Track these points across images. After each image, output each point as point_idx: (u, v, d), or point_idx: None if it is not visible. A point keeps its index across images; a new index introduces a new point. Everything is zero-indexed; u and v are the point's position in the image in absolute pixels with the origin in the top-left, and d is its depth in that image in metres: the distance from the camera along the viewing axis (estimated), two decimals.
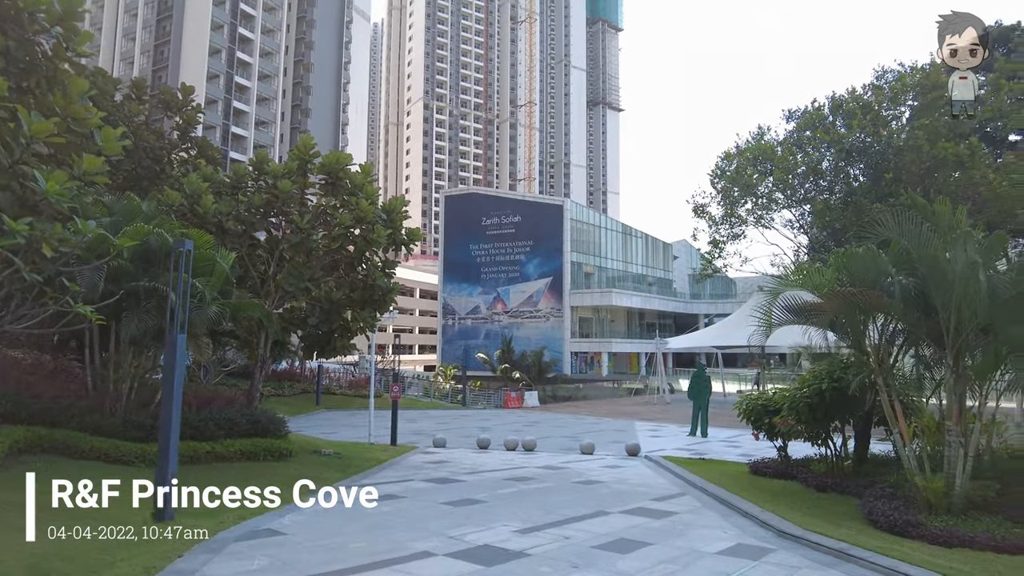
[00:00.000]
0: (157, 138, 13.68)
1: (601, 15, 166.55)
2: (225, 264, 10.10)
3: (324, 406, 28.98)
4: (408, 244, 12.72)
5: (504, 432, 21.30)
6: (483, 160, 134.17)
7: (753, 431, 12.98)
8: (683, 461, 14.27)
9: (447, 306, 67.92)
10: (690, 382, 21.46)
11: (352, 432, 20.52)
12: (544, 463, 13.61)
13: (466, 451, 15.88)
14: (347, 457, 12.96)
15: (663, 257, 79.38)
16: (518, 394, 33.65)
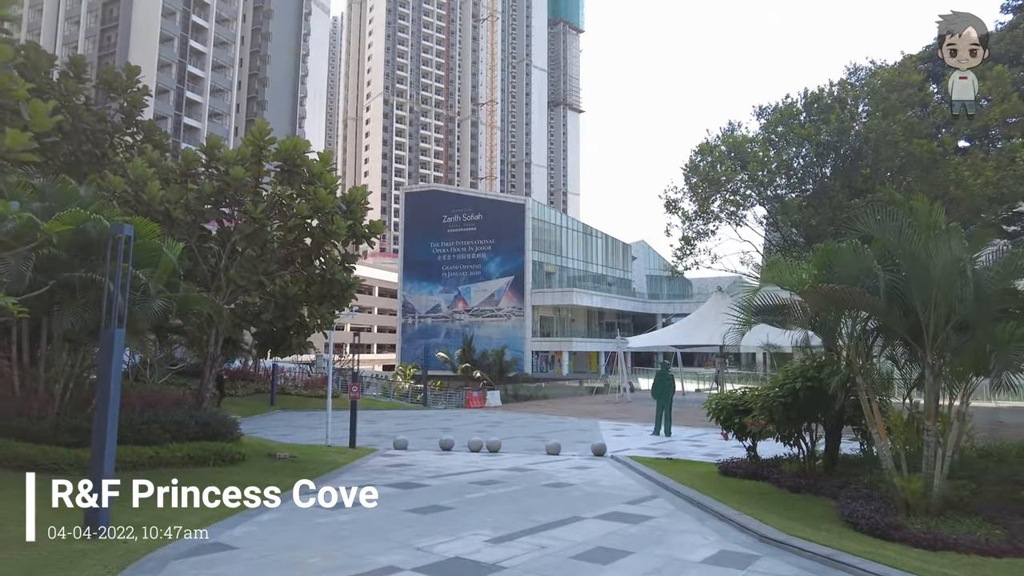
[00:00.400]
0: (98, 120, 12.71)
1: (562, 16, 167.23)
2: (172, 255, 9.34)
3: (279, 407, 27.98)
4: (369, 237, 12.11)
5: (467, 433, 20.80)
6: (444, 158, 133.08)
7: (722, 431, 12.82)
8: (650, 461, 14.05)
9: (407, 304, 66.95)
10: (653, 381, 21.35)
11: (309, 434, 19.73)
12: (511, 465, 13.19)
13: (429, 453, 15.33)
14: (303, 461, 12.29)
15: (622, 257, 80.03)
16: (480, 394, 33.17)
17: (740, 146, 22.69)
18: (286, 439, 18.17)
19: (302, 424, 23.12)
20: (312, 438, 18.28)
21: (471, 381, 45.98)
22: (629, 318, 75.81)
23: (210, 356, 11.55)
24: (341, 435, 17.28)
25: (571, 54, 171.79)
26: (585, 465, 13.49)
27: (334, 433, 16.79)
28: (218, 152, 11.23)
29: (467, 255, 65.25)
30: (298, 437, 18.99)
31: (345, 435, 16.78)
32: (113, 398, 6.26)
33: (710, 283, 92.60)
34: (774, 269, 8.10)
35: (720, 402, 12.32)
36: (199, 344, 12.17)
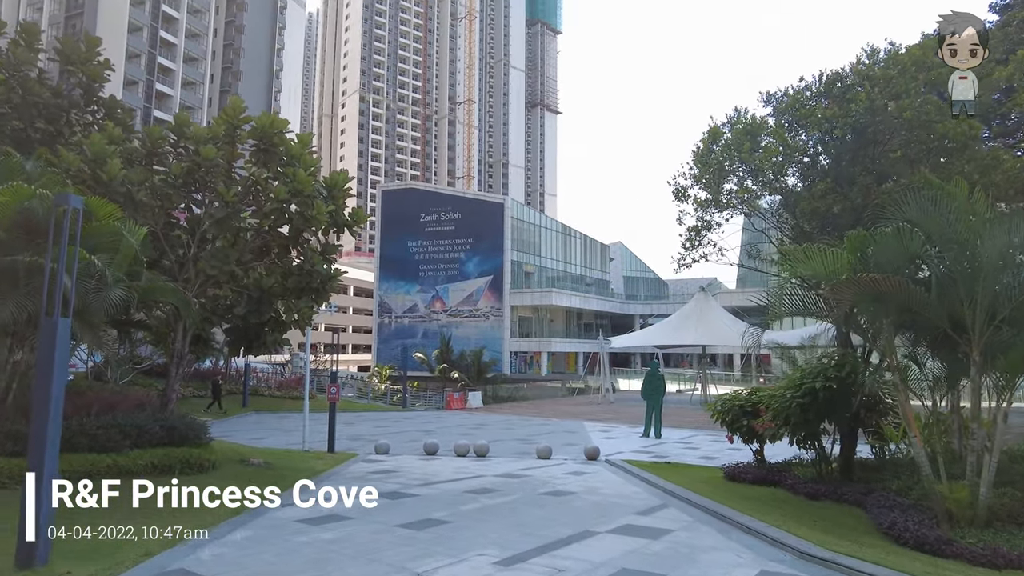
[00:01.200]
0: (54, 95, 11.55)
1: (540, 17, 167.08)
2: (134, 240, 8.34)
3: (252, 408, 26.78)
4: (352, 226, 11.18)
5: (450, 436, 19.92)
6: (421, 157, 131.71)
7: (727, 434, 12.16)
8: (648, 465, 13.35)
9: (383, 304, 65.70)
10: (643, 382, 20.70)
11: (284, 438, 18.67)
12: (502, 471, 12.35)
13: (412, 458, 14.41)
14: (279, 468, 11.30)
15: (600, 258, 79.75)
16: (460, 395, 32.26)
17: (756, 130, 21.60)
18: (260, 443, 17.11)
19: (276, 427, 22.03)
20: (288, 442, 17.25)
21: (449, 382, 45.17)
22: (607, 319, 75.54)
23: (177, 354, 10.49)
24: (319, 439, 16.29)
25: (548, 55, 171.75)
26: (580, 470, 12.71)
27: (311, 437, 15.80)
28: (187, 130, 10.19)
29: (445, 254, 64.28)
30: (273, 441, 17.94)
31: (323, 439, 15.82)
32: (55, 397, 5.27)
33: (686, 284, 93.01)
34: (810, 258, 7.37)
35: (726, 403, 11.64)
36: (165, 340, 11.11)
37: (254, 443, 16.89)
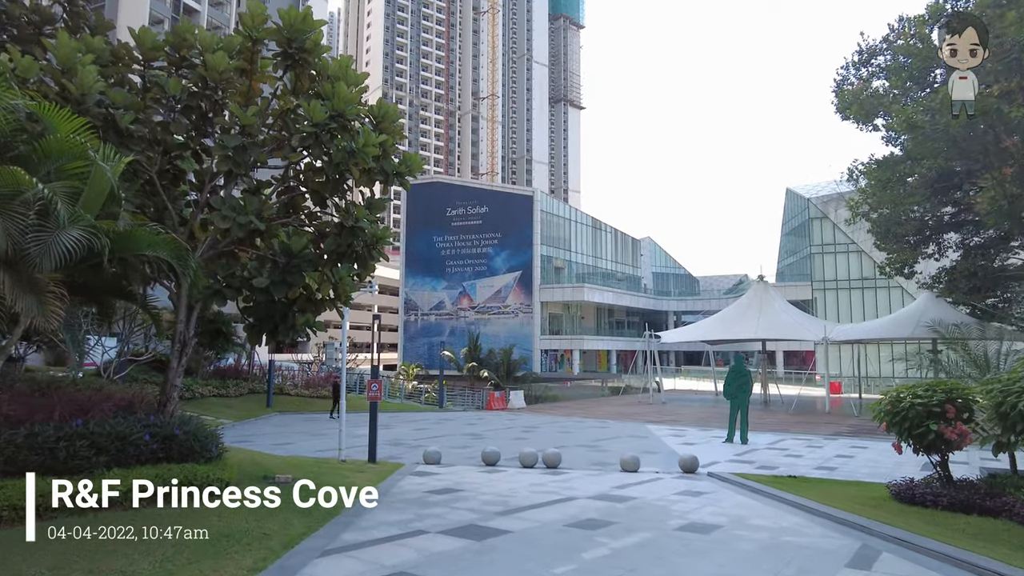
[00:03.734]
0: (28, 11, 9.04)
1: (563, 11, 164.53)
2: (110, 171, 5.80)
3: (276, 409, 24.37)
4: (404, 176, 8.57)
5: (500, 440, 17.27)
6: (444, 153, 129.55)
7: (896, 441, 9.31)
8: (771, 480, 10.56)
9: (409, 301, 63.43)
10: (727, 379, 17.84)
11: (312, 443, 16.16)
12: (594, 490, 9.61)
13: (471, 470, 11.75)
14: (311, 488, 8.72)
15: (632, 253, 76.82)
16: (501, 394, 29.59)
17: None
18: (285, 449, 14.61)
19: (302, 429, 19.57)
20: (318, 448, 14.74)
21: (478, 381, 43.00)
22: (637, 315, 72.70)
23: (179, 338, 7.94)
24: (354, 444, 13.76)
25: (571, 50, 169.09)
26: (692, 488, 9.94)
27: (347, 441, 13.27)
28: (190, 37, 7.61)
29: (472, 249, 61.91)
30: (300, 447, 15.43)
31: (360, 444, 13.30)
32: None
33: (717, 281, 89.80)
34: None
35: (899, 403, 8.76)
36: (158, 319, 8.54)
37: (278, 449, 14.40)
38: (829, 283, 55.36)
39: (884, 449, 16.17)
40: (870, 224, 26.68)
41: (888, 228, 23.84)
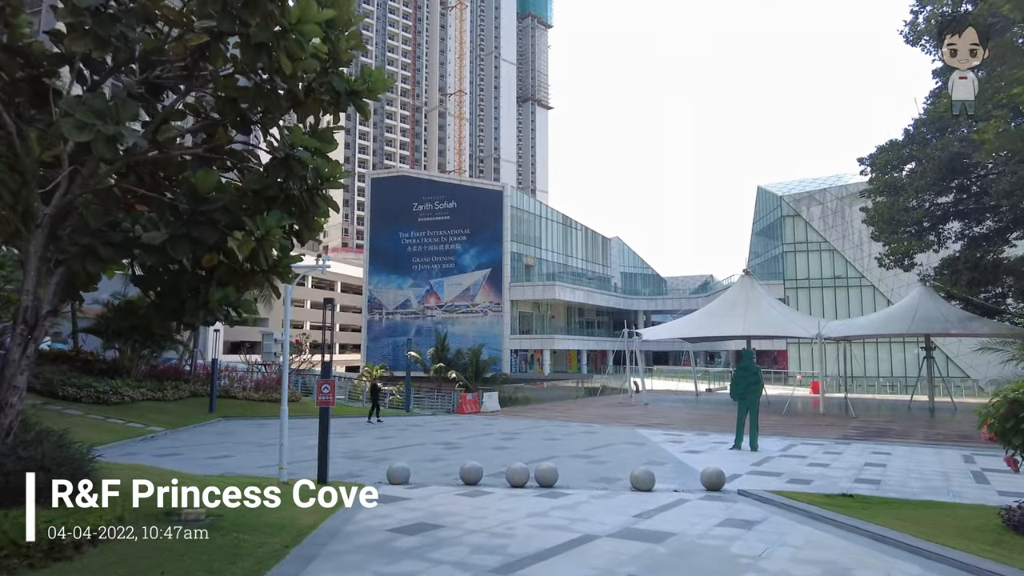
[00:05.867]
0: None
1: (531, 10, 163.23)
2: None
3: (220, 414, 21.62)
4: (362, 97, 6.22)
5: (479, 450, 14.94)
6: (410, 149, 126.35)
7: (1008, 454, 7.28)
8: (826, 502, 8.47)
9: (373, 300, 60.60)
10: (734, 378, 15.84)
11: (256, 456, 13.59)
12: (613, 522, 7.39)
13: (448, 491, 9.40)
14: (231, 527, 6.25)
15: (602, 252, 75.38)
16: (474, 396, 27.17)
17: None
18: (221, 464, 12.05)
19: (248, 439, 16.93)
20: (262, 463, 12.21)
21: (445, 382, 40.75)
22: (607, 315, 71.35)
23: (25, 315, 5.34)
24: (302, 459, 11.31)
25: (539, 49, 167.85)
26: (737, 516, 7.78)
27: (292, 454, 10.78)
28: None
29: (440, 246, 59.49)
30: (241, 461, 12.86)
31: (309, 459, 10.84)
32: None
33: (682, 282, 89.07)
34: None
35: (1019, 408, 6.70)
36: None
37: (213, 465, 11.85)
38: (801, 281, 54.55)
39: (909, 454, 14.41)
40: (866, 215, 25.37)
41: (892, 215, 22.37)
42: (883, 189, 23.46)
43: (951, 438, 17.58)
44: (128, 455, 12.74)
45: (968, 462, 13.35)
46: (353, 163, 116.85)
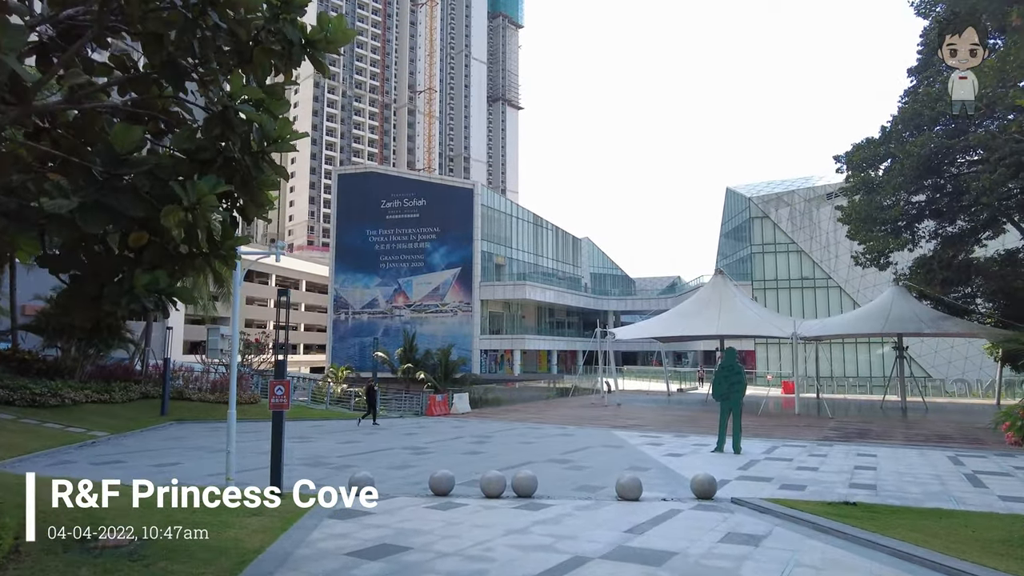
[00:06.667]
0: None
1: (502, 10, 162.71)
2: None
3: (173, 417, 20.32)
4: (320, 49, 5.30)
5: (450, 455, 14.04)
6: (379, 147, 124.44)
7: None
8: (830, 511, 7.82)
9: (339, 299, 59.09)
10: (716, 377, 15.23)
11: (208, 463, 12.49)
12: (604, 540, 6.60)
13: (417, 504, 8.49)
14: (159, 554, 5.25)
15: (573, 252, 75.09)
16: (444, 398, 26.19)
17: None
18: (167, 473, 10.92)
19: (201, 444, 15.76)
20: (212, 471, 11.14)
21: (414, 383, 39.63)
22: (577, 315, 71.07)
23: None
24: (254, 467, 10.28)
25: (510, 49, 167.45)
26: (738, 529, 7.06)
27: (246, 461, 9.79)
28: None
29: (409, 244, 58.32)
30: (189, 468, 11.76)
31: (262, 466, 9.82)
32: None
33: (650, 283, 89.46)
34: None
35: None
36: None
37: (160, 473, 10.77)
38: (769, 283, 54.87)
39: (895, 456, 14.00)
40: (842, 213, 25.27)
41: (869, 213, 22.17)
42: (860, 187, 23.32)
43: (931, 439, 17.30)
44: (60, 464, 11.53)
45: (956, 464, 12.96)
46: (320, 160, 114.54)
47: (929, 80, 22.15)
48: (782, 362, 47.83)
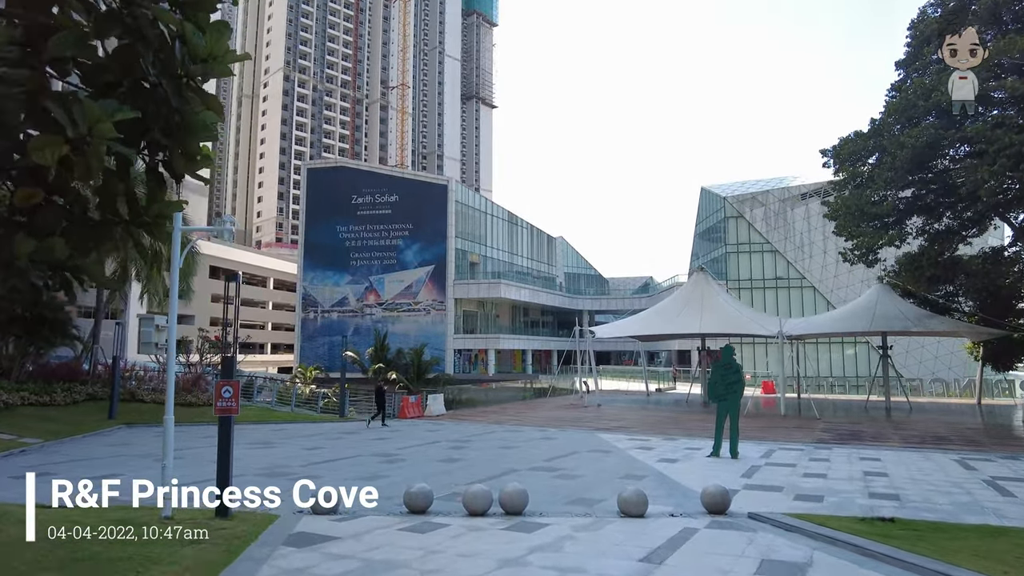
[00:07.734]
0: None
1: (476, 8, 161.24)
2: None
3: (122, 420, 18.71)
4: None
5: (426, 464, 12.77)
6: (350, 143, 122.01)
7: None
8: (860, 527, 6.84)
9: (308, 297, 57.17)
10: (712, 377, 14.27)
11: (153, 472, 10.95)
12: (616, 573, 5.42)
13: (389, 526, 7.27)
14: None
15: (547, 251, 74.15)
16: (417, 399, 24.87)
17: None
18: (97, 490, 9.44)
19: (150, 451, 14.24)
20: (157, 484, 9.64)
21: (385, 384, 38.03)
22: (552, 314, 70.17)
23: None
24: (207, 477, 8.95)
25: (484, 47, 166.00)
26: (771, 555, 6.06)
27: (198, 471, 8.46)
28: None
29: (380, 241, 56.68)
30: (127, 485, 10.24)
31: (211, 477, 8.47)
32: None
33: (623, 283, 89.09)
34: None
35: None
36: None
37: (94, 488, 9.23)
38: (744, 282, 54.58)
39: (900, 460, 13.17)
40: (829, 209, 24.63)
41: (859, 208, 21.50)
42: (848, 181, 22.68)
43: (927, 440, 16.58)
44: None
45: (967, 468, 12.17)
46: (290, 156, 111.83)
47: (919, 72, 21.59)
48: (766, 361, 47.34)
